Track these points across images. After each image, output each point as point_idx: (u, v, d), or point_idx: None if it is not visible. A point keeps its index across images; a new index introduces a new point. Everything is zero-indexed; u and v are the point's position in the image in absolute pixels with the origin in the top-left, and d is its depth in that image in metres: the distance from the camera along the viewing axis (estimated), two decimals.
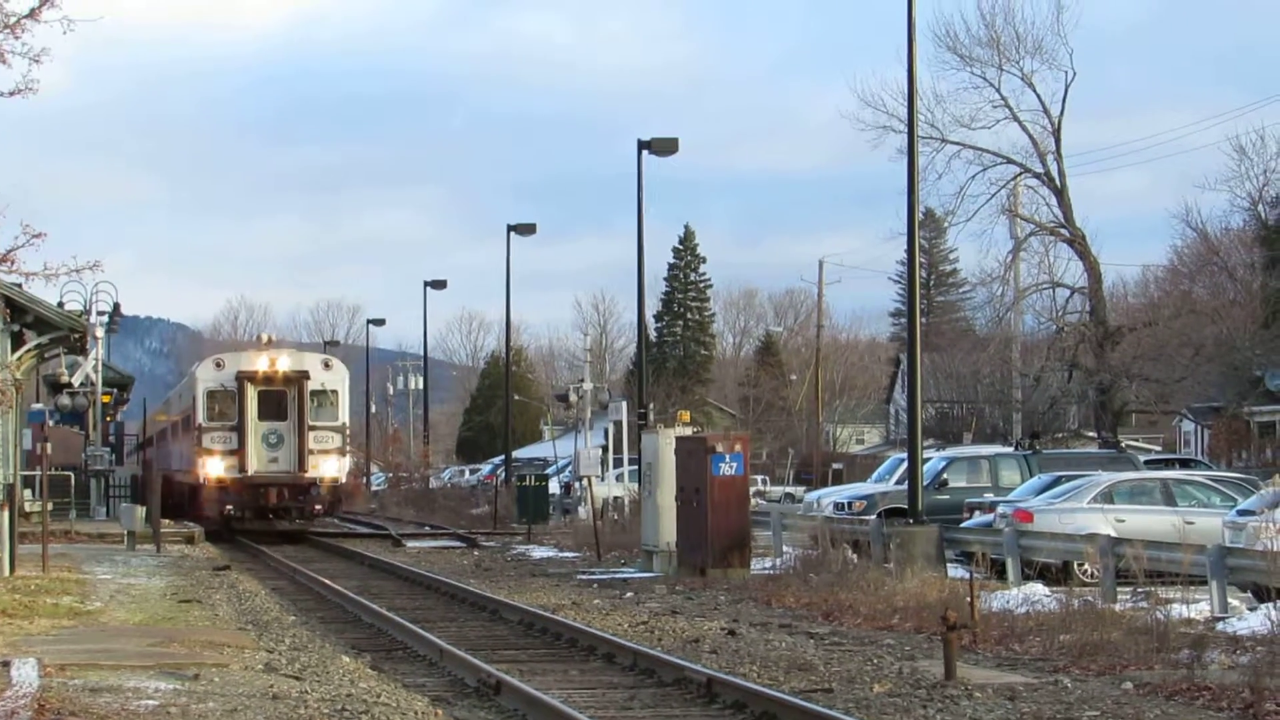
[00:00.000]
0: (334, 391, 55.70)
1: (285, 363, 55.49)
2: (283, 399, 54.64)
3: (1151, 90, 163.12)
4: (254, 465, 53.81)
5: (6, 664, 19.53)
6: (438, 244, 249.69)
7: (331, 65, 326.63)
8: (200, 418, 54.56)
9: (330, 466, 54.67)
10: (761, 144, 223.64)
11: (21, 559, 35.90)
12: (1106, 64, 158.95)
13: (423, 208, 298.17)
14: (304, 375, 54.71)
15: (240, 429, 53.96)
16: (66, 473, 61.65)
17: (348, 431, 57.10)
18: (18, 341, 37.05)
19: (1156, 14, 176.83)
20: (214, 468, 53.85)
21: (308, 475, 53.82)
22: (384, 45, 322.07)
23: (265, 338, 60.61)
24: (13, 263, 17.97)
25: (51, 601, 29.37)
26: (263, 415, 54.47)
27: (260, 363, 55.03)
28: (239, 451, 53.68)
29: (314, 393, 54.65)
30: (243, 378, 54.33)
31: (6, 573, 33.28)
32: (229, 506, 53.76)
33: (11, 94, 15.21)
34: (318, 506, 55.01)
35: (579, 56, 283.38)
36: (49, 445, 42.79)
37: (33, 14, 14.47)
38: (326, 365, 56.81)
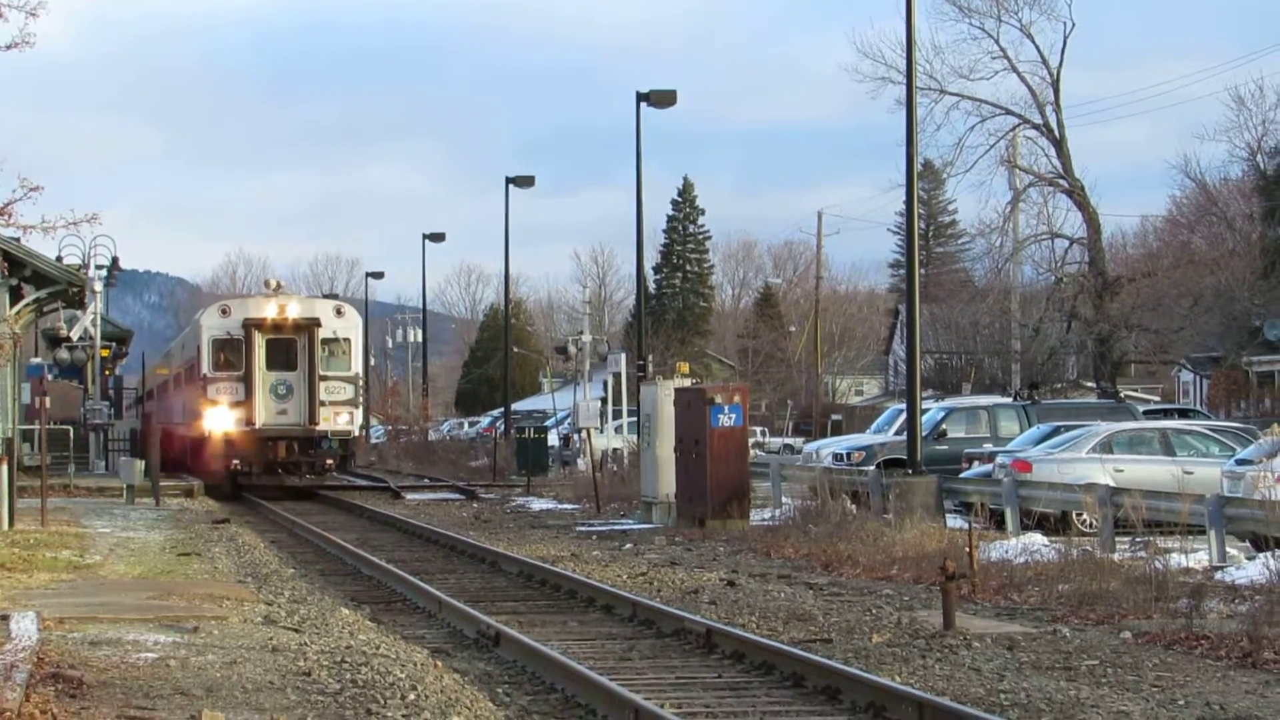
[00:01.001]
0: (346, 340, 52.31)
1: (295, 309, 52.24)
2: (292, 348, 51.54)
3: (1152, 41, 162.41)
4: (262, 418, 50.89)
5: (5, 617, 19.53)
6: (436, 198, 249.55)
7: (328, 18, 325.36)
8: (205, 368, 51.38)
9: (342, 419, 51.59)
10: (762, 98, 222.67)
11: (20, 513, 35.93)
12: (1106, 14, 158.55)
13: (421, 162, 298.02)
14: (315, 322, 51.52)
15: (247, 379, 50.91)
16: (65, 427, 61.67)
17: (361, 382, 53.78)
18: (16, 295, 37.11)
19: None
20: (219, 420, 50.83)
21: (319, 428, 50.95)
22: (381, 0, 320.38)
23: (274, 283, 55.31)
24: (10, 216, 17.94)
25: (50, 555, 29.39)
26: (271, 365, 51.38)
27: (269, 309, 51.82)
28: (246, 403, 50.75)
29: (325, 341, 51.43)
30: (250, 325, 51.13)
31: (5, 527, 33.31)
32: (235, 461, 50.99)
33: (8, 48, 15.13)
34: (329, 461, 52.16)
35: (578, 10, 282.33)
36: (48, 399, 42.83)
37: None
38: (339, 312, 53.25)
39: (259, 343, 51.11)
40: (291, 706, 14.85)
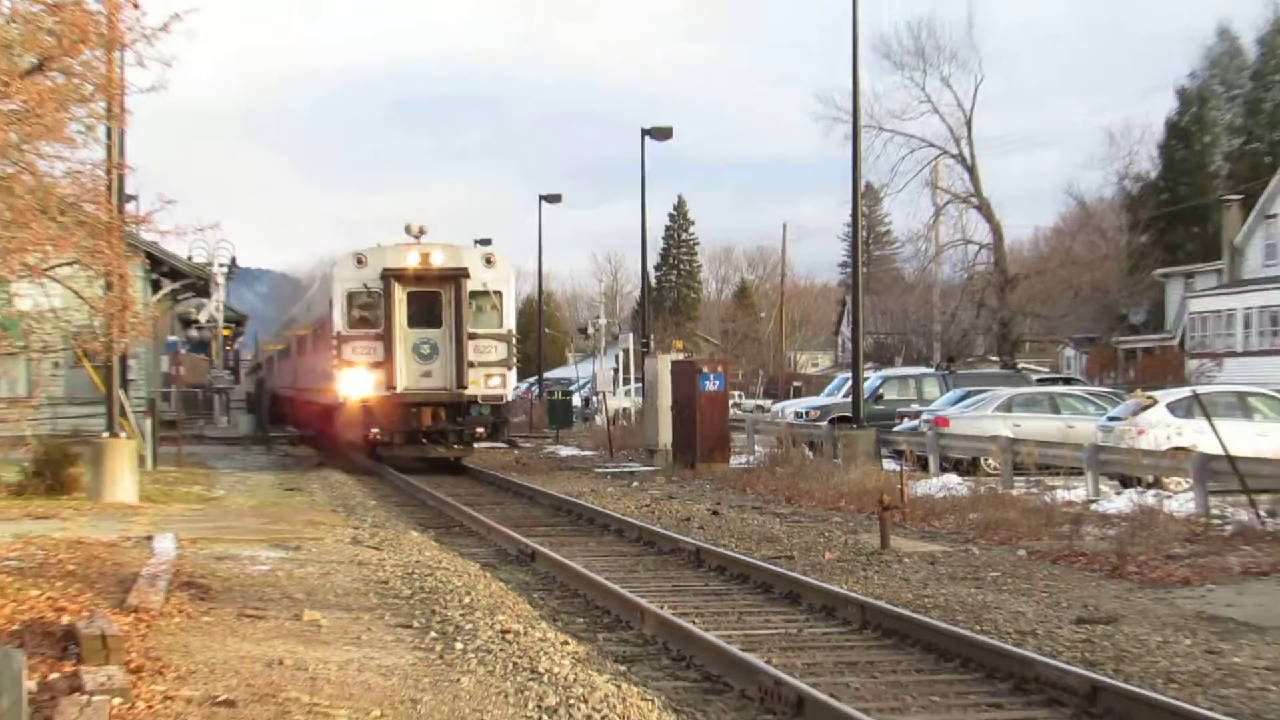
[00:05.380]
0: (498, 293, 37.70)
1: (440, 258, 37.25)
2: (436, 302, 37.31)
3: (1048, 87, 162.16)
4: (403, 381, 36.86)
5: (150, 538, 19.62)
6: (488, 211, 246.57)
7: (408, 70, 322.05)
8: (339, 325, 37.09)
9: (494, 382, 37.38)
10: (743, 131, 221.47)
11: (161, 457, 36.03)
12: (1015, 64, 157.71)
13: (476, 182, 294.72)
14: (462, 273, 36.97)
15: (387, 338, 36.69)
16: (195, 390, 61.77)
17: (515, 340, 38.61)
18: (156, 286, 37.06)
19: (1059, 26, 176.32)
20: (355, 384, 36.83)
21: (467, 393, 36.92)
22: (467, 69, 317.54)
23: (416, 228, 38.18)
24: (150, 224, 17.88)
25: (184, 490, 29.49)
26: (413, 321, 37.29)
27: (410, 258, 37.06)
28: (385, 365, 36.61)
29: (474, 294, 37.14)
30: (389, 276, 36.74)
31: (150, 467, 33.38)
32: (374, 430, 36.97)
33: (148, 91, 15.15)
34: (479, 430, 37.70)
35: (598, 59, 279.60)
36: (182, 368, 42.91)
37: (164, 26, 14.41)
38: (489, 261, 37.83)
39: (399, 296, 37.16)
40: (373, 608, 14.91)
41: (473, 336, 36.97)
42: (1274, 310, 63.67)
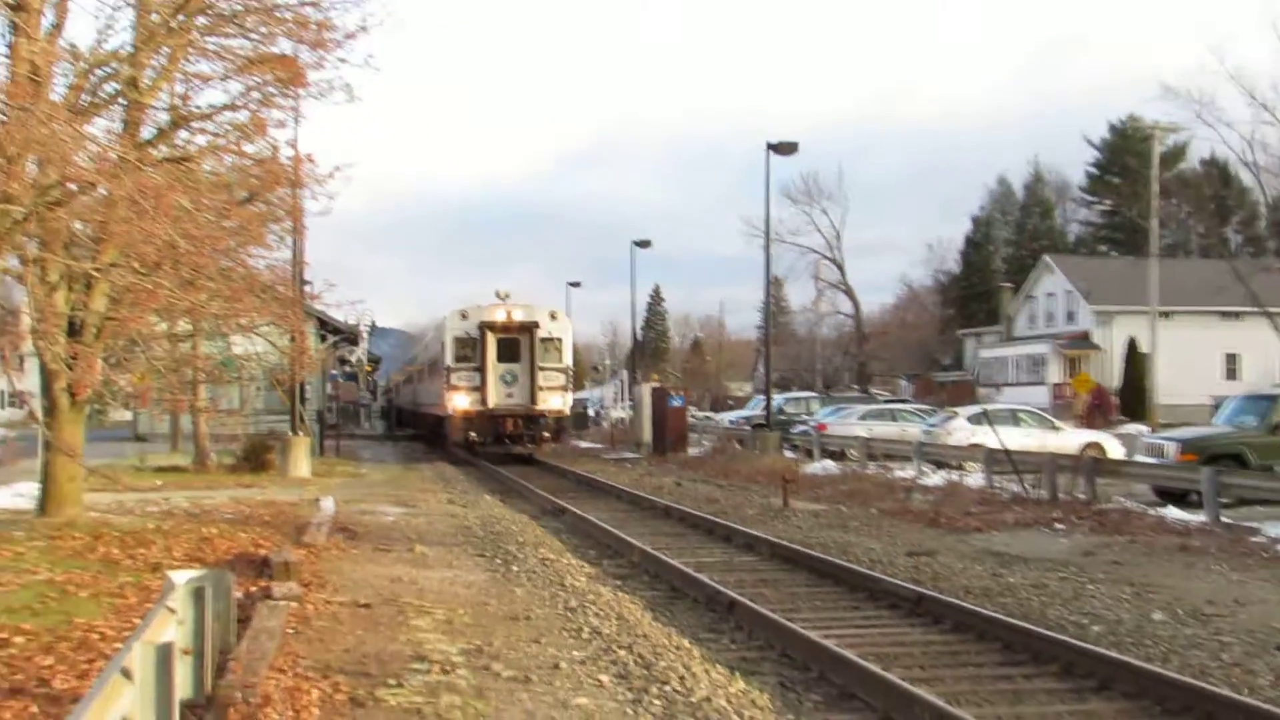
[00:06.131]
0: (559, 339, 35.18)
1: (519, 314, 34.84)
2: (517, 345, 34.67)
3: (890, 211, 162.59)
4: (493, 400, 34.49)
5: (318, 500, 19.49)
6: (538, 292, 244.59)
7: (490, 199, 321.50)
8: (448, 360, 34.73)
9: (556, 401, 34.92)
10: (698, 237, 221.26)
11: (325, 448, 35.86)
12: (871, 196, 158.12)
13: (527, 274, 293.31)
14: (534, 325, 34.53)
15: (482, 369, 34.36)
16: (348, 405, 61.56)
17: (571, 372, 36.35)
18: (323, 339, 36.96)
19: (898, 173, 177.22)
20: (459, 402, 34.53)
21: (538, 408, 34.64)
22: (524, 196, 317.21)
23: (503, 292, 35.95)
24: (320, 299, 18.04)
25: (340, 469, 29.37)
26: (500, 358, 34.76)
27: (499, 314, 34.74)
28: (481, 388, 34.34)
29: (543, 339, 34.65)
30: (484, 326, 34.42)
31: (318, 455, 33.22)
32: (472, 434, 34.80)
33: (319, 214, 15.27)
34: (546, 434, 35.38)
35: (611, 192, 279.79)
36: (339, 391, 42.70)
37: (330, 174, 14.47)
38: (553, 316, 35.45)
39: (491, 340, 34.56)
40: (460, 543, 14.83)
41: (542, 369, 34.67)
42: (1033, 357, 64.01)
